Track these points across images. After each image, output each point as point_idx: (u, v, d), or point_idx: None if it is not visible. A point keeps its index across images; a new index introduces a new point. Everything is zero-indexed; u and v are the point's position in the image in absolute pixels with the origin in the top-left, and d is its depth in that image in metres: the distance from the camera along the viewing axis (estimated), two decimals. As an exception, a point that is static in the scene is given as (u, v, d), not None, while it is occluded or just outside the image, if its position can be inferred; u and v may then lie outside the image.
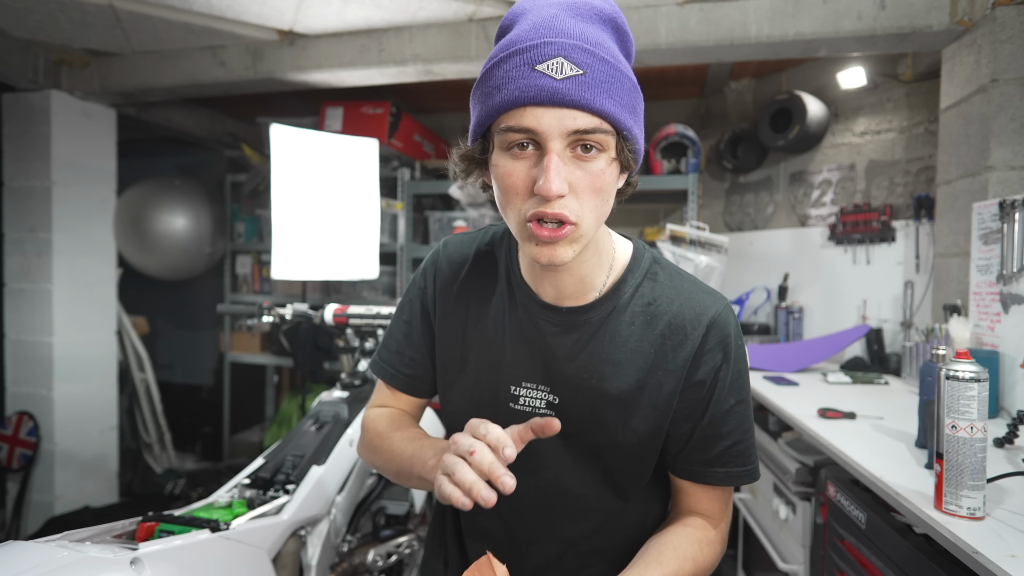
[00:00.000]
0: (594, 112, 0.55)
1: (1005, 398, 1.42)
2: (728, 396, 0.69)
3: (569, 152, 0.57)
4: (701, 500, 0.73)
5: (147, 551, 0.77)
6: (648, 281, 0.71)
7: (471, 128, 0.64)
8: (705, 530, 0.71)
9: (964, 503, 0.82)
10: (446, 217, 2.97)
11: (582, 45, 0.55)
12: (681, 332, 0.68)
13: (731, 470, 0.70)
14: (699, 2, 1.89)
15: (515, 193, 0.59)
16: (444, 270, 0.78)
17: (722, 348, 0.68)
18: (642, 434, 0.69)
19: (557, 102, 0.54)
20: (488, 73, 0.58)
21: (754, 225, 2.78)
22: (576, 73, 0.55)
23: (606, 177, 0.59)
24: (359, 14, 2.07)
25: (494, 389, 0.73)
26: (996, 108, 1.57)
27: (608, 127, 0.57)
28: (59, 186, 2.52)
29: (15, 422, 2.56)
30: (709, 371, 0.68)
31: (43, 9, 2.05)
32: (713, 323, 0.68)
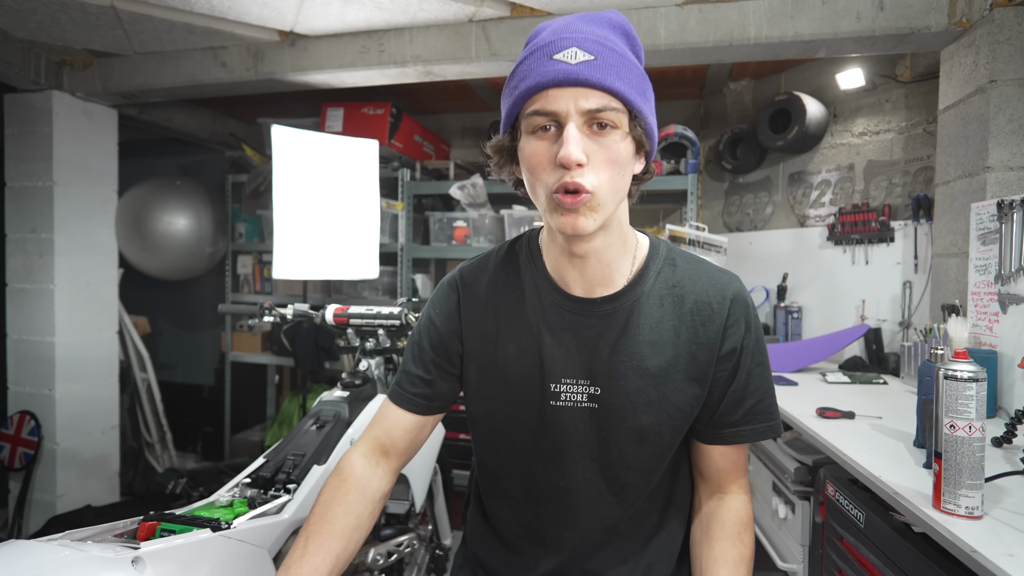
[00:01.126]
0: (605, 90, 0.62)
1: (1003, 398, 1.43)
2: (752, 360, 0.76)
3: (586, 129, 0.63)
4: (725, 461, 0.79)
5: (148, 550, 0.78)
6: (668, 267, 0.77)
7: (502, 122, 0.71)
8: (737, 513, 0.78)
9: (962, 502, 0.83)
10: (446, 217, 2.97)
11: (593, 39, 0.63)
12: (708, 308, 0.74)
13: (756, 427, 0.76)
14: (698, 3, 1.90)
15: (540, 168, 0.65)
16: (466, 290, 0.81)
17: (744, 319, 0.75)
18: (683, 407, 0.75)
19: (572, 82, 0.61)
20: (514, 72, 0.67)
21: (753, 225, 2.78)
22: (588, 58, 0.62)
23: (620, 150, 0.65)
24: (360, 15, 2.08)
25: (534, 390, 0.76)
26: (994, 109, 1.57)
27: (619, 105, 0.63)
28: (61, 186, 2.53)
29: (17, 421, 2.56)
30: (736, 341, 0.75)
31: (45, 10, 2.05)
32: (735, 298, 0.75)
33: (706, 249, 2.34)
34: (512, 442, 0.79)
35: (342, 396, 1.38)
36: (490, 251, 0.85)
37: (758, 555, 1.61)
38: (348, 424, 1.30)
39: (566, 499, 0.78)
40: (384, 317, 1.50)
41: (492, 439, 0.82)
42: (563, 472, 0.77)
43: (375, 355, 1.56)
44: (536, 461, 0.78)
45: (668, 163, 2.60)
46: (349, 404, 1.35)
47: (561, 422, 0.75)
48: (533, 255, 0.79)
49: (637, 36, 0.70)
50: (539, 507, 0.80)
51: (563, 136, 0.62)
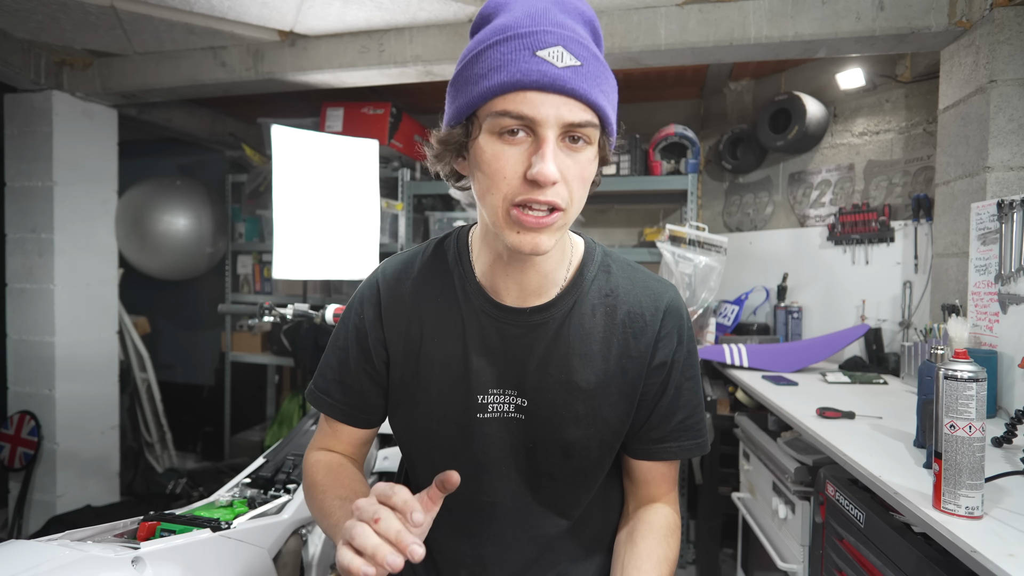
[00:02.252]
0: (590, 104, 0.56)
1: (1003, 398, 1.43)
2: (682, 375, 0.73)
3: (560, 142, 0.57)
4: (657, 482, 0.77)
5: (148, 550, 0.78)
6: (602, 273, 0.73)
7: (452, 111, 0.61)
8: (666, 517, 0.75)
9: (962, 502, 0.83)
10: (446, 217, 2.97)
11: (577, 39, 0.57)
12: (640, 320, 0.71)
13: (683, 443, 0.74)
14: (698, 3, 1.90)
15: (502, 178, 0.57)
16: (389, 294, 0.74)
17: (677, 331, 0.72)
18: (612, 422, 0.71)
19: (558, 89, 0.54)
20: (480, 55, 0.57)
21: (753, 225, 2.78)
22: (575, 64, 0.55)
23: (590, 167, 0.60)
24: (360, 15, 2.08)
25: (460, 402, 0.71)
26: (994, 109, 1.57)
27: (597, 121, 0.58)
28: (61, 186, 2.53)
29: (17, 421, 2.56)
30: (667, 354, 0.72)
31: (45, 10, 2.05)
32: (668, 309, 0.72)
33: (706, 249, 2.34)
34: (432, 457, 0.74)
35: (342, 396, 1.38)
36: (416, 249, 0.78)
37: (759, 555, 1.61)
38: (348, 424, 1.30)
39: (492, 514, 0.74)
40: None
41: (412, 453, 0.77)
42: (489, 486, 0.73)
43: (375, 355, 1.56)
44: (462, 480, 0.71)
45: (668, 163, 2.60)
46: (349, 404, 1.35)
47: (487, 434, 0.71)
48: (461, 257, 0.73)
49: (599, 24, 0.64)
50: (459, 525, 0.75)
51: (541, 150, 0.55)
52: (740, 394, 2.00)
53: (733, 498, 1.82)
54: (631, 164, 2.64)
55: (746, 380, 1.85)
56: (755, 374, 1.94)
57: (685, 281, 2.32)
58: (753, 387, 1.76)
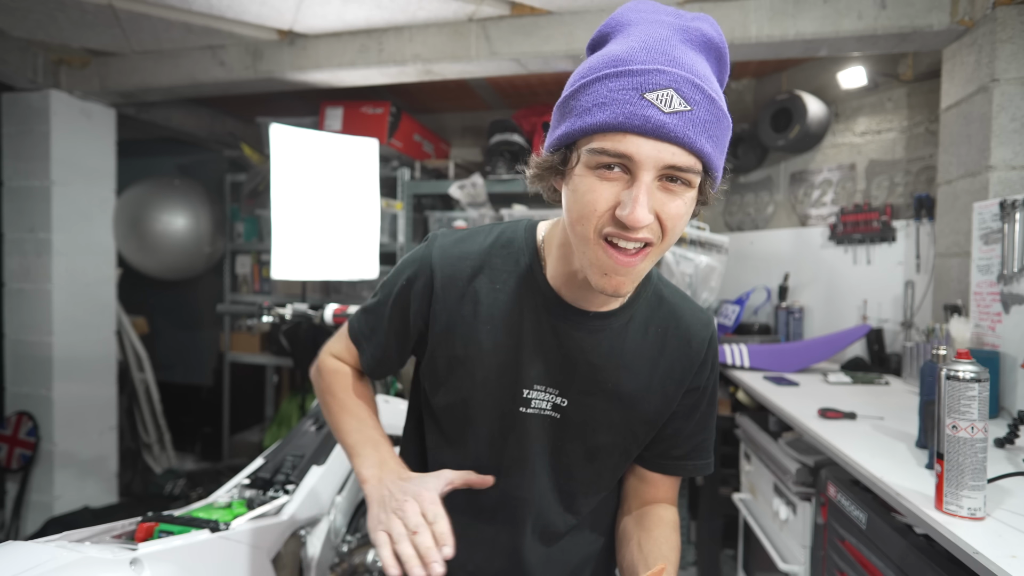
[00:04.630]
0: (694, 152, 0.55)
1: (1006, 398, 1.42)
2: (709, 401, 0.79)
3: (657, 182, 0.56)
4: (666, 488, 0.82)
5: (146, 551, 0.77)
6: (656, 295, 0.76)
7: (555, 137, 0.61)
8: (673, 514, 0.80)
9: (965, 503, 0.82)
10: (446, 217, 2.97)
11: (693, 79, 0.54)
12: (687, 346, 0.75)
13: (697, 462, 0.80)
14: (699, 2, 1.89)
15: (592, 211, 0.57)
16: (443, 270, 0.73)
17: (713, 361, 0.78)
18: (639, 435, 0.76)
19: (662, 136, 0.53)
20: (588, 86, 0.56)
21: (754, 225, 2.78)
22: (684, 109, 0.53)
23: (686, 211, 0.59)
24: (359, 14, 2.07)
25: (506, 392, 0.72)
26: (997, 108, 1.57)
27: (700, 167, 0.57)
28: (58, 186, 2.52)
29: (14, 422, 2.55)
30: (702, 380, 0.77)
31: (43, 9, 2.05)
32: (711, 340, 0.77)
33: (707, 249, 2.34)
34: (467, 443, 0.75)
35: (341, 396, 1.38)
36: (476, 231, 0.77)
37: (760, 556, 1.61)
38: (347, 424, 1.30)
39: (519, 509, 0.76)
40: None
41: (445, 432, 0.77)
42: (521, 481, 0.74)
43: (374, 355, 1.56)
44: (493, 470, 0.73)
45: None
46: (348, 404, 1.34)
47: (526, 429, 0.73)
48: (535, 252, 0.73)
49: (727, 49, 0.60)
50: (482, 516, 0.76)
51: (632, 192, 0.55)
52: (741, 395, 2.00)
53: (734, 499, 1.82)
54: (631, 164, 2.63)
55: (747, 380, 1.85)
56: (756, 374, 1.93)
57: (686, 281, 2.31)
58: (754, 387, 1.75)
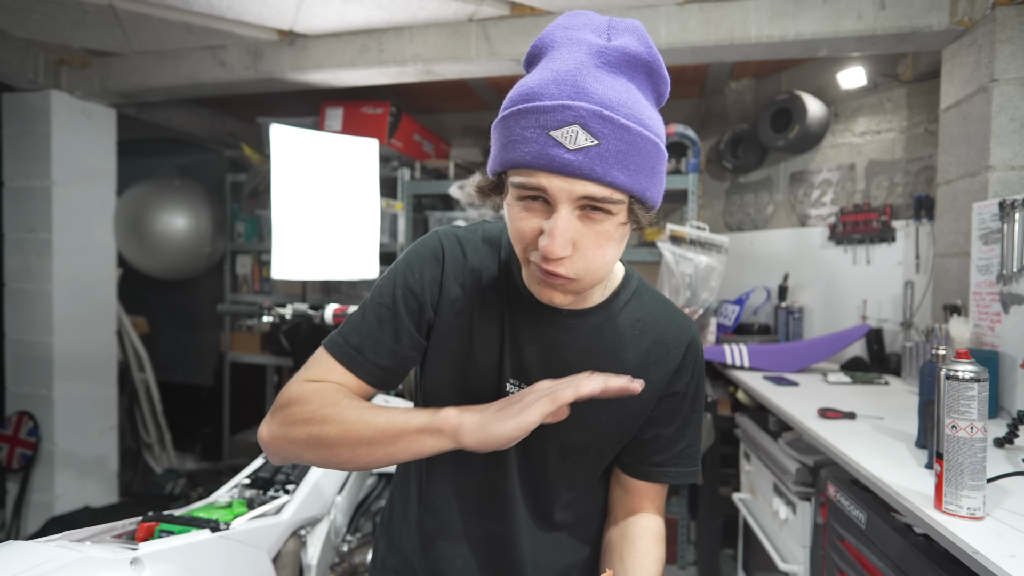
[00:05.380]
0: (605, 184, 0.55)
1: (1005, 398, 1.42)
2: (690, 407, 0.78)
3: (578, 211, 0.57)
4: (650, 497, 0.80)
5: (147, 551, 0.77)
6: (636, 300, 0.76)
7: (489, 164, 0.63)
8: (658, 524, 0.79)
9: (964, 503, 0.82)
10: (446, 217, 2.97)
11: (600, 111, 0.53)
12: (664, 349, 0.75)
13: (681, 470, 0.79)
14: (699, 2, 1.89)
15: (521, 238, 0.61)
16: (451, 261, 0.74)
17: (693, 367, 0.77)
18: (614, 436, 0.76)
19: (568, 173, 0.54)
20: (506, 121, 0.58)
21: (754, 225, 2.78)
22: (590, 144, 0.53)
23: (613, 236, 0.60)
24: (359, 14, 2.07)
25: (491, 385, 0.74)
26: (996, 108, 1.57)
27: (620, 196, 0.57)
28: (59, 186, 2.52)
29: (15, 422, 2.56)
30: (681, 386, 0.76)
31: (43, 9, 2.05)
32: (690, 345, 0.76)
33: (707, 249, 2.34)
34: None
35: (341, 396, 1.38)
36: (471, 228, 0.78)
37: (760, 556, 1.61)
38: (347, 424, 1.30)
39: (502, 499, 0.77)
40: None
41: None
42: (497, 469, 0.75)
43: (375, 355, 1.56)
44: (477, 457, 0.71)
45: (669, 163, 2.59)
46: (348, 404, 1.34)
47: None
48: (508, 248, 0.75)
49: (663, 69, 0.60)
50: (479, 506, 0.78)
51: (552, 222, 0.56)
52: (741, 394, 2.00)
53: (734, 499, 1.82)
54: (631, 164, 2.63)
55: (747, 380, 1.85)
56: (756, 374, 1.93)
57: (686, 281, 2.31)
58: (754, 387, 1.75)
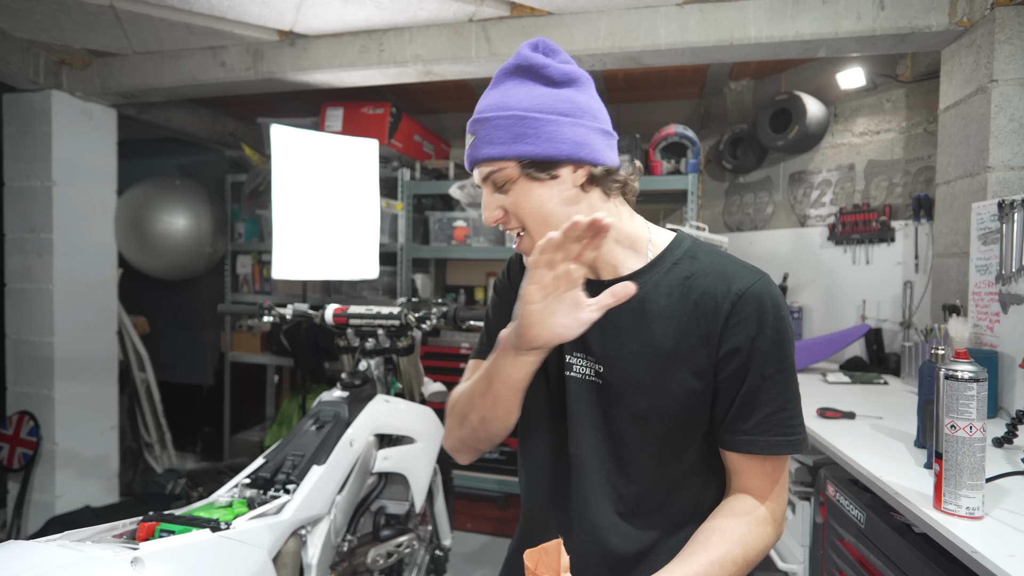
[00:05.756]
0: (481, 162, 0.74)
1: (1004, 398, 1.43)
2: (766, 365, 0.71)
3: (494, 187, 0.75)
4: (749, 475, 0.74)
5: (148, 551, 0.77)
6: (688, 259, 0.77)
7: None
8: (754, 510, 0.72)
9: (963, 503, 0.83)
10: (446, 217, 2.97)
11: (477, 117, 0.74)
12: (712, 302, 0.72)
13: (771, 439, 0.72)
14: (698, 3, 1.90)
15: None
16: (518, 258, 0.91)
17: (757, 317, 0.71)
18: (679, 398, 0.73)
19: (469, 165, 0.76)
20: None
21: (754, 225, 2.78)
22: (471, 140, 0.74)
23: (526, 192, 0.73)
24: (359, 15, 2.07)
25: (553, 358, 0.80)
26: (995, 108, 1.57)
27: (500, 165, 0.73)
28: (60, 186, 2.53)
29: (16, 422, 2.56)
30: (743, 340, 0.70)
31: (44, 10, 2.05)
32: (743, 294, 0.71)
33: (706, 249, 2.34)
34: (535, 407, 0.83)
35: (342, 396, 1.38)
36: None
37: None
38: (347, 424, 1.30)
39: (578, 466, 0.79)
40: (384, 317, 1.50)
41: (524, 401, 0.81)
42: (575, 437, 0.79)
43: (375, 355, 1.56)
44: (552, 425, 0.82)
45: (668, 163, 2.60)
46: (349, 404, 1.35)
47: (572, 390, 0.79)
48: None
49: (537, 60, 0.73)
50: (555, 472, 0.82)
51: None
52: (740, 394, 2.00)
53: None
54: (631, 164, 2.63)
55: (746, 380, 1.85)
56: (755, 374, 1.93)
57: (685, 281, 2.32)
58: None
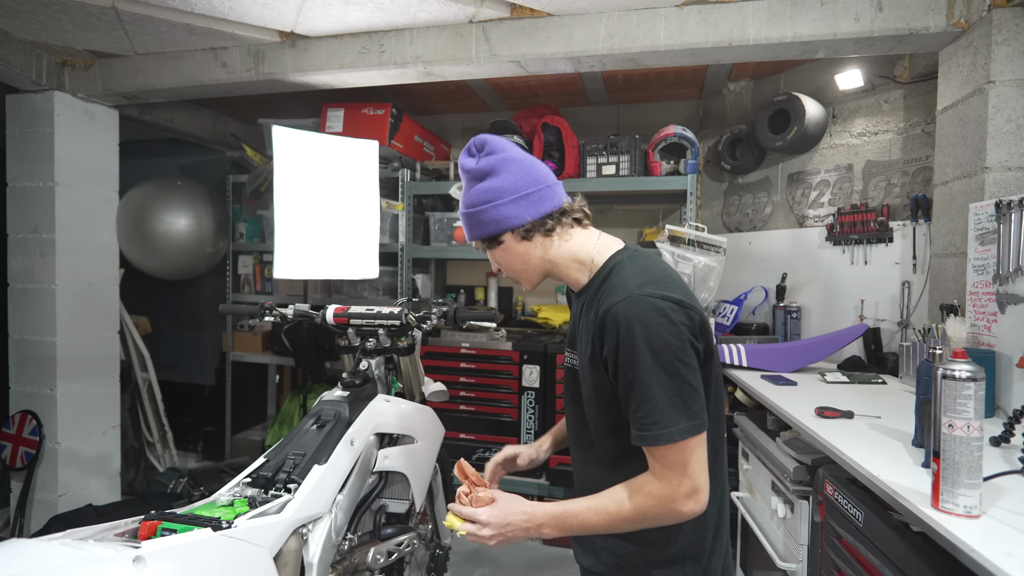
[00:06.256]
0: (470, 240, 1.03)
1: (1001, 397, 1.43)
2: (626, 372, 0.86)
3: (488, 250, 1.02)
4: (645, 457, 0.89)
5: (149, 549, 0.78)
6: (607, 276, 0.95)
7: None
8: (644, 484, 0.87)
9: (961, 501, 0.83)
10: (446, 218, 2.98)
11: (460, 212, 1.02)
12: (596, 318, 0.91)
13: (639, 432, 0.87)
14: (698, 4, 1.90)
15: None
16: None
17: (614, 332, 0.86)
18: (596, 390, 0.94)
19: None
20: None
21: (752, 226, 2.78)
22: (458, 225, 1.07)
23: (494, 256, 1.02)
24: (360, 16, 2.08)
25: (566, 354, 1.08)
26: (992, 109, 1.58)
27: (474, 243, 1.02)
28: (62, 187, 2.54)
29: (19, 421, 2.57)
30: (609, 351, 0.88)
31: (46, 11, 2.06)
32: (608, 312, 0.87)
33: (706, 249, 2.35)
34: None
35: (343, 396, 1.39)
36: None
37: (759, 554, 1.61)
38: (348, 424, 1.31)
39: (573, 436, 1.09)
40: (384, 317, 1.51)
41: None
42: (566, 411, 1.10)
43: (375, 355, 1.57)
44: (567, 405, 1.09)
45: (668, 163, 2.60)
46: (350, 404, 1.35)
47: (566, 377, 1.08)
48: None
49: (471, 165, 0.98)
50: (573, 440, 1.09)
51: None
52: (739, 394, 2.01)
53: (732, 497, 1.83)
54: (630, 164, 2.64)
55: (745, 380, 1.86)
56: (754, 374, 1.94)
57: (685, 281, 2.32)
58: (752, 387, 1.76)
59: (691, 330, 0.85)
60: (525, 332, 2.96)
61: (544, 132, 2.74)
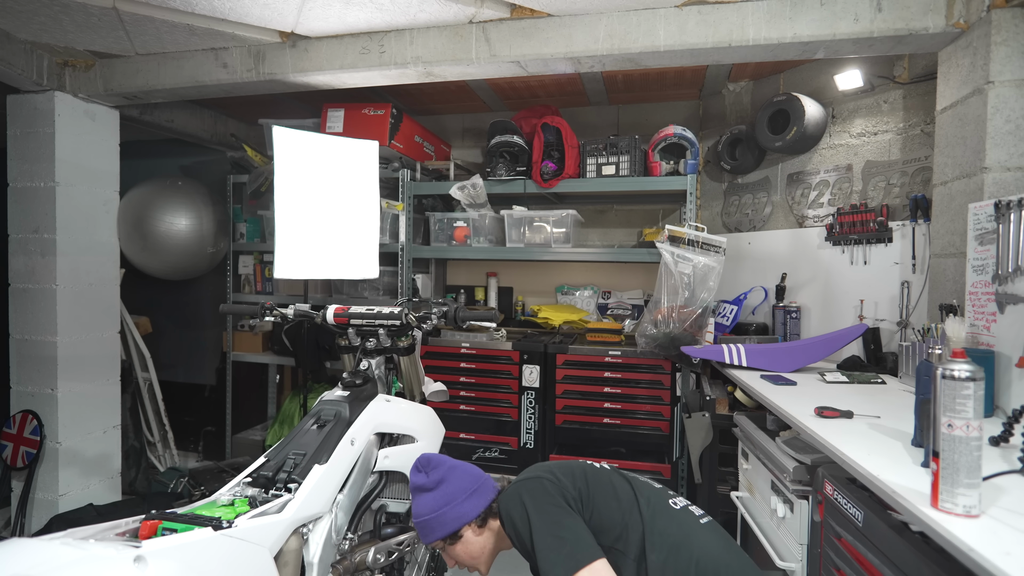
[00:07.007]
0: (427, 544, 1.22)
1: (1000, 397, 1.43)
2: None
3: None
4: None
5: (150, 549, 0.78)
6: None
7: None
8: None
9: (960, 501, 0.83)
10: (447, 218, 2.98)
11: (413, 521, 1.19)
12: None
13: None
14: (697, 4, 1.90)
15: None
16: None
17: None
18: None
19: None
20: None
21: (752, 226, 2.79)
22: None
23: (455, 552, 1.22)
24: (360, 16, 2.08)
25: None
26: (992, 110, 1.58)
27: (432, 544, 1.21)
28: (63, 187, 2.54)
29: (19, 421, 2.57)
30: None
31: (47, 11, 2.06)
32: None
33: (705, 249, 2.35)
34: None
35: (343, 396, 1.39)
36: None
37: (758, 554, 1.62)
38: (349, 423, 1.31)
39: None
40: (384, 317, 1.51)
41: None
42: None
43: (376, 355, 1.57)
44: None
45: (667, 163, 2.61)
46: (350, 404, 1.35)
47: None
48: None
49: (422, 481, 1.20)
50: None
51: None
52: (739, 393, 2.01)
53: (732, 497, 1.83)
54: (630, 165, 2.65)
55: (745, 379, 1.86)
56: (754, 373, 1.94)
57: (684, 281, 2.32)
58: (752, 386, 1.76)
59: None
60: (525, 332, 2.96)
61: (544, 132, 2.75)
